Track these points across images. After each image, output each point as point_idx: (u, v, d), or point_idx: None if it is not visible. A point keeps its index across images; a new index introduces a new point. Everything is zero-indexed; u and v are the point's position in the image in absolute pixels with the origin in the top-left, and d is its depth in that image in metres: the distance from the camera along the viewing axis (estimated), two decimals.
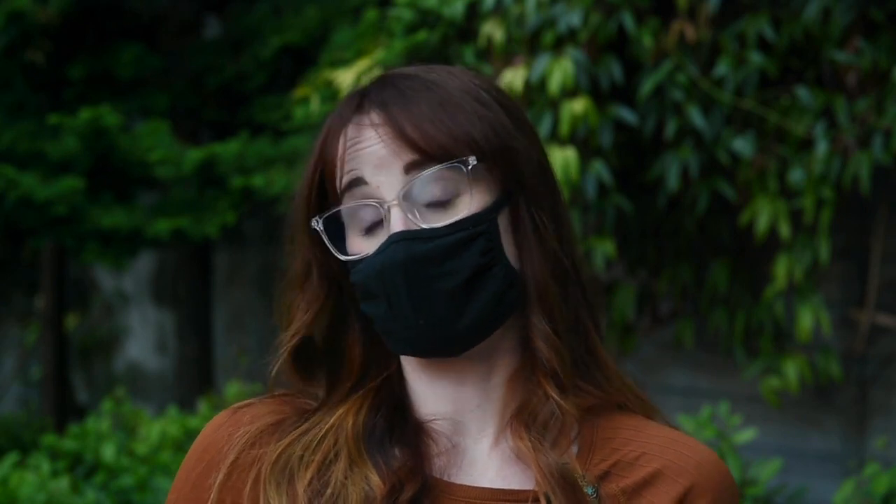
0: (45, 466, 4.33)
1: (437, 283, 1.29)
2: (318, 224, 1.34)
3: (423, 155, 1.30)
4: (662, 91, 3.99)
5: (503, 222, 1.33)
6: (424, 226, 1.30)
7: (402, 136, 1.31)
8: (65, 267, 7.12)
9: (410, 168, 1.31)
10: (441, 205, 1.31)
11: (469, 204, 1.31)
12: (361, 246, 1.33)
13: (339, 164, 1.33)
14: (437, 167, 1.30)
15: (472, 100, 1.34)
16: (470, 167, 1.31)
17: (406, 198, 1.31)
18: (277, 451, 1.34)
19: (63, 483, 4.19)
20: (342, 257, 1.34)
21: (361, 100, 1.35)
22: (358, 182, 1.33)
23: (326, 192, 1.36)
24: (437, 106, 1.32)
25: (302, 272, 1.38)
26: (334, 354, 1.39)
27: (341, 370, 1.39)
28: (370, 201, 1.32)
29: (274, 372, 1.41)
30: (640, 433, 1.36)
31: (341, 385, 1.38)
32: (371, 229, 1.33)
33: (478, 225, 1.31)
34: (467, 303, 1.30)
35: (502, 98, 1.38)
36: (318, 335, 1.38)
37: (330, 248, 1.34)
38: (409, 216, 1.31)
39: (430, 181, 1.31)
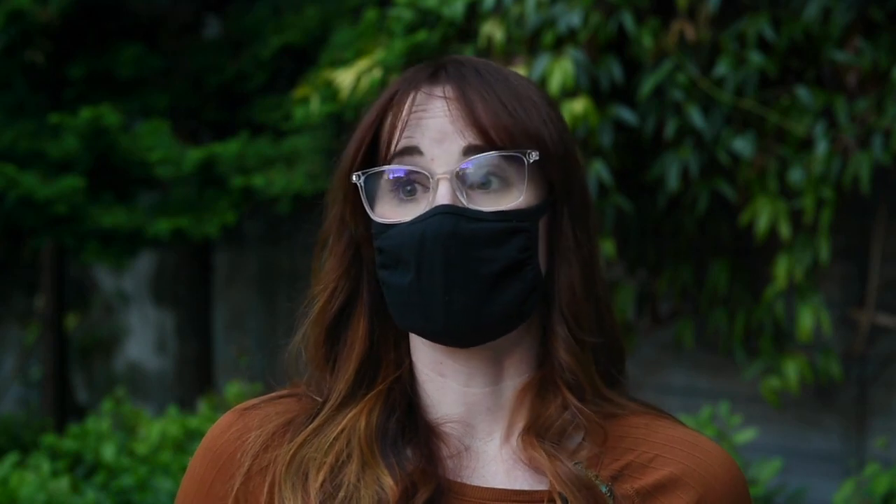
0: (45, 466, 4.33)
1: (474, 265, 1.28)
2: (359, 179, 1.33)
3: (488, 141, 1.30)
4: (662, 91, 3.98)
5: (542, 227, 1.33)
6: (471, 206, 1.30)
7: (472, 116, 1.31)
8: (65, 267, 7.12)
9: (470, 150, 1.30)
10: (490, 192, 1.31)
11: (518, 198, 1.31)
12: (394, 213, 1.32)
13: (399, 126, 1.32)
14: (498, 153, 1.30)
15: (545, 103, 1.35)
16: (531, 161, 1.31)
17: (458, 176, 1.30)
18: (291, 452, 1.33)
19: (63, 483, 4.19)
20: (376, 218, 1.33)
21: (436, 71, 1.35)
22: (412, 150, 1.32)
23: (375, 152, 1.35)
24: (512, 96, 1.33)
25: (330, 230, 1.38)
26: (339, 339, 1.38)
27: (342, 357, 1.37)
28: (419, 169, 1.31)
29: (299, 339, 1.39)
30: (653, 434, 1.34)
31: (343, 373, 1.37)
32: (409, 199, 1.32)
33: (522, 221, 1.31)
34: (496, 293, 1.29)
35: (561, 116, 1.39)
36: (329, 315, 1.37)
37: (365, 205, 1.33)
38: (458, 193, 1.30)
39: (486, 165, 1.30)
